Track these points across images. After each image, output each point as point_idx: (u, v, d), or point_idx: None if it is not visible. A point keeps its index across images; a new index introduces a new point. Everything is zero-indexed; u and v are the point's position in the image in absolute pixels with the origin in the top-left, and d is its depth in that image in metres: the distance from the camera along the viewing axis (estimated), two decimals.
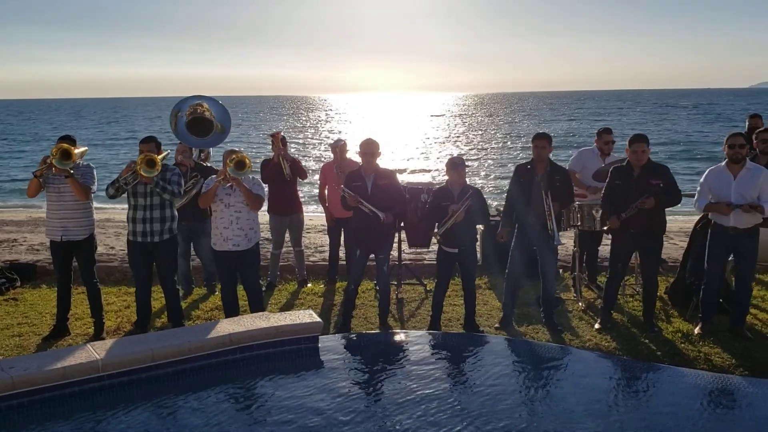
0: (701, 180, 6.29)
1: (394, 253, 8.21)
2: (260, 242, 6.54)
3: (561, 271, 8.47)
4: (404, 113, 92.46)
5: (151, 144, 6.22)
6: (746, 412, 4.74)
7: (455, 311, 6.98)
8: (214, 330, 5.23)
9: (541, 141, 6.45)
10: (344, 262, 8.28)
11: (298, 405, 4.59)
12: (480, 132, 52.01)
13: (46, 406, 4.47)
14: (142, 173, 5.94)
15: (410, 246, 8.02)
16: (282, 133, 7.99)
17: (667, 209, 6.35)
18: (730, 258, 6.30)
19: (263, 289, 7.83)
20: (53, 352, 5.14)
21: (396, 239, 7.89)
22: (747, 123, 8.38)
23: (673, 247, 9.75)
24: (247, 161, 5.98)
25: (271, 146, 7.97)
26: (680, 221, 12.62)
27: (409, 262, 8.66)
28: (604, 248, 7.58)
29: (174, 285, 6.54)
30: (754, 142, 7.11)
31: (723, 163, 6.19)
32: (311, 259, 9.24)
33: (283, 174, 7.67)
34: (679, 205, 6.45)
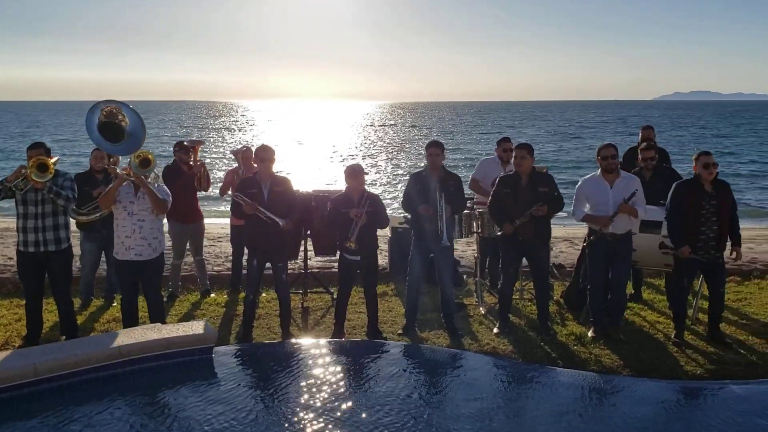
0: (576, 189, 6.57)
1: (300, 261, 8.19)
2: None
3: (465, 276, 8.65)
4: (321, 120, 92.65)
5: (39, 150, 5.98)
6: (630, 410, 4.94)
7: (360, 318, 7.00)
8: (102, 342, 5.08)
9: (435, 149, 6.58)
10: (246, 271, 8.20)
11: (190, 418, 4.51)
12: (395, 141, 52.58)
13: None
14: (34, 178, 5.69)
15: (317, 254, 8.01)
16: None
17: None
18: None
19: (164, 299, 7.67)
20: None
21: (302, 247, 7.90)
22: (640, 134, 8.69)
23: (577, 253, 10.06)
24: (152, 158, 5.84)
25: (192, 157, 7.81)
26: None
27: (317, 270, 8.64)
28: None
29: (68, 296, 6.32)
30: (639, 157, 7.47)
31: (598, 173, 6.48)
32: (216, 268, 9.09)
33: (194, 182, 7.63)
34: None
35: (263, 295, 7.78)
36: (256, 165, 6.66)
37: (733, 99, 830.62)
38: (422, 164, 6.86)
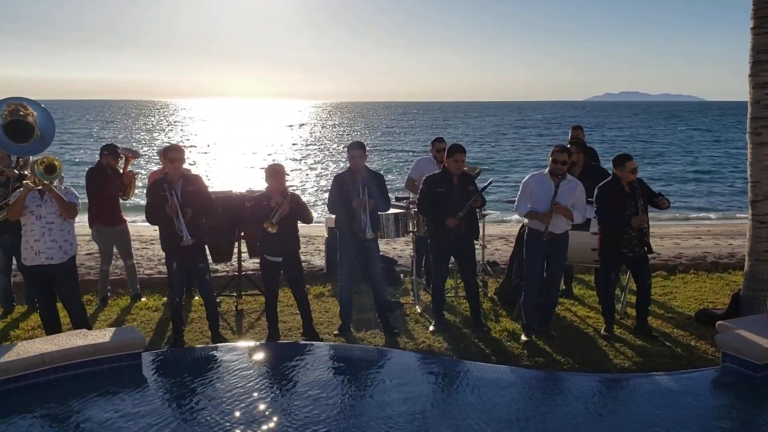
0: (522, 184, 6.63)
1: (234, 263, 8.04)
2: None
3: (402, 275, 8.67)
4: (258, 119, 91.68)
5: None
6: (563, 403, 5.04)
7: (296, 320, 6.91)
8: (23, 350, 4.83)
9: (356, 150, 6.60)
10: None
11: (117, 427, 4.35)
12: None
13: None
14: None
15: (251, 256, 7.87)
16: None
17: None
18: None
19: (97, 305, 7.44)
20: None
21: (236, 249, 7.75)
22: (570, 134, 8.86)
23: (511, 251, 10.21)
24: (57, 164, 5.64)
25: (124, 164, 7.64)
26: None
27: (251, 272, 8.50)
28: None
29: None
30: None
31: (545, 171, 6.56)
32: (146, 272, 8.85)
33: (120, 189, 7.50)
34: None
35: (195, 298, 7.62)
36: (166, 165, 6.46)
37: (660, 99, 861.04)
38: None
